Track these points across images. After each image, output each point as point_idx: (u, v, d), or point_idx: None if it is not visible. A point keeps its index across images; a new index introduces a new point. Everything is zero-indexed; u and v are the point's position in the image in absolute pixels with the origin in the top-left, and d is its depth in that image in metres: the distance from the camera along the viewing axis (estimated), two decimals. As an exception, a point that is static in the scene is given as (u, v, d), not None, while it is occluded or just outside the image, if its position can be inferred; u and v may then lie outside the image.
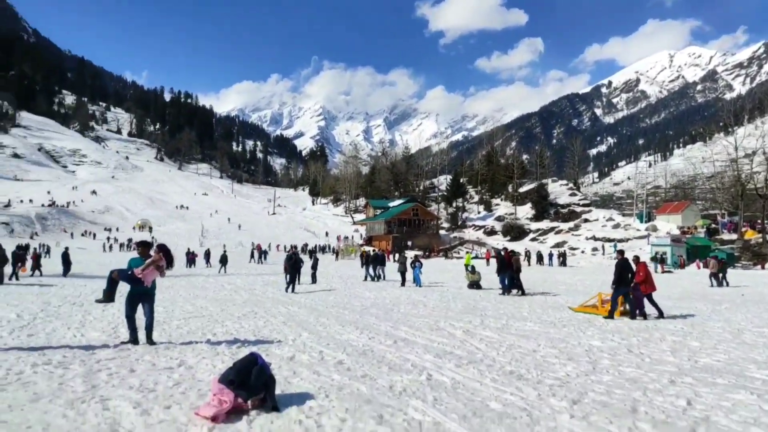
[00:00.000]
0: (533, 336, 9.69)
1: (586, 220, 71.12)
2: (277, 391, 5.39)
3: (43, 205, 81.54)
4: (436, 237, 72.83)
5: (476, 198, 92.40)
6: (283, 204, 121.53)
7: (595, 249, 58.40)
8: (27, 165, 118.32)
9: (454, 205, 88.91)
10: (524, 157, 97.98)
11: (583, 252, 58.80)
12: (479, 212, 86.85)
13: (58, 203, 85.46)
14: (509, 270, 18.44)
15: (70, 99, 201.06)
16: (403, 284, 22.03)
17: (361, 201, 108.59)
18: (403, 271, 22.37)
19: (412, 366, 7.05)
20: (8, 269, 21.50)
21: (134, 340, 8.08)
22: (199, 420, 4.70)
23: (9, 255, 21.52)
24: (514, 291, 18.57)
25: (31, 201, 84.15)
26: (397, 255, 55.75)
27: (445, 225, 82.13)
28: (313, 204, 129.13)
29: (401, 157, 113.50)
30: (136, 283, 7.85)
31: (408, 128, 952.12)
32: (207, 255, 40.16)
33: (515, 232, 71.84)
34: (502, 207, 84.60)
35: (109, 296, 7.79)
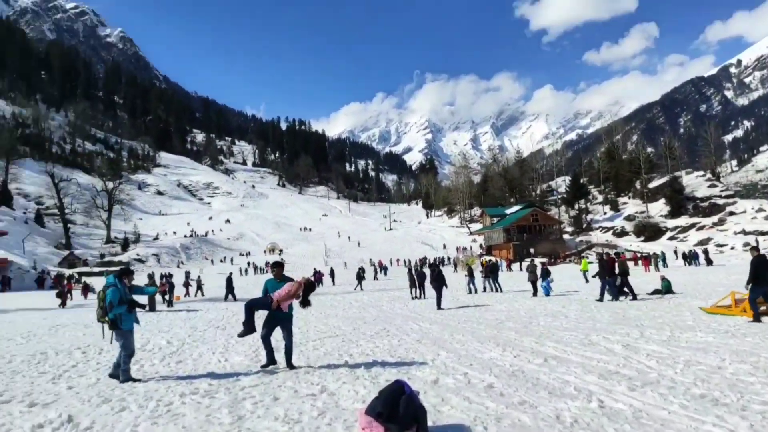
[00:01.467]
0: (711, 349, 8.28)
1: (731, 213, 63.83)
2: (429, 423, 4.83)
3: (185, 236, 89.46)
4: (560, 242, 69.19)
5: (600, 198, 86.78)
6: (399, 219, 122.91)
7: (746, 244, 51.98)
8: (169, 200, 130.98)
9: (576, 207, 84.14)
10: (648, 150, 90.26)
11: (733, 248, 52.60)
12: (605, 213, 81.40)
13: (197, 233, 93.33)
14: (613, 275, 17.38)
15: (200, 137, 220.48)
16: (534, 294, 20.74)
17: (476, 210, 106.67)
18: (533, 281, 21.07)
19: (575, 390, 6.16)
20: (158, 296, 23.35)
21: (271, 360, 8.03)
22: (352, 458, 4.27)
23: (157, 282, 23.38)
24: (622, 297, 17.37)
25: (174, 233, 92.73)
26: (522, 264, 53.71)
27: (568, 229, 77.93)
28: (428, 217, 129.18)
29: (513, 162, 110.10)
30: (275, 308, 7.78)
31: (517, 132, 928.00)
32: (332, 274, 41.29)
33: (649, 231, 66.25)
34: (631, 205, 78.59)
35: (249, 328, 7.76)
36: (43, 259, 63.21)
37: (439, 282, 17.94)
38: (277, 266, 8.27)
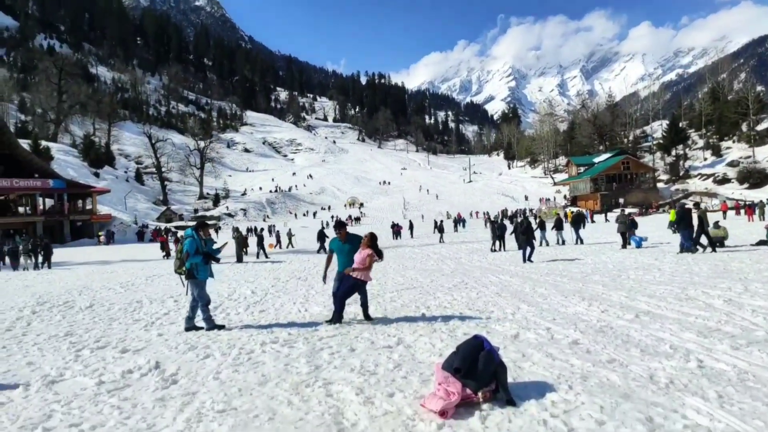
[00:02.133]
0: (833, 307, 7.35)
1: None
2: (509, 379, 4.58)
3: (270, 191, 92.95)
4: (653, 191, 65.07)
5: (700, 143, 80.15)
6: (479, 171, 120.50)
7: None
8: (255, 157, 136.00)
9: (673, 153, 78.38)
10: (758, 89, 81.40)
11: None
12: (705, 159, 75.29)
13: (281, 188, 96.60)
14: (690, 226, 16.42)
15: (283, 94, 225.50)
16: (624, 246, 19.59)
17: (561, 160, 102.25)
18: (623, 232, 19.87)
19: (671, 348, 5.65)
20: (252, 249, 24.37)
21: (338, 318, 7.78)
22: (426, 413, 4.13)
23: (249, 236, 24.37)
24: (700, 249, 16.37)
25: (260, 188, 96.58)
26: (610, 214, 51.07)
27: (663, 177, 73.00)
28: (509, 168, 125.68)
29: (604, 107, 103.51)
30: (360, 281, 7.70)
31: (609, 75, 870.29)
32: (411, 227, 41.39)
33: (755, 177, 60.75)
34: (735, 150, 72.06)
35: (338, 318, 7.77)
36: (143, 215, 68.19)
37: (528, 234, 17.23)
38: (341, 227, 8.07)
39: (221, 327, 7.70)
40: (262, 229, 31.45)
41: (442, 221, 38.48)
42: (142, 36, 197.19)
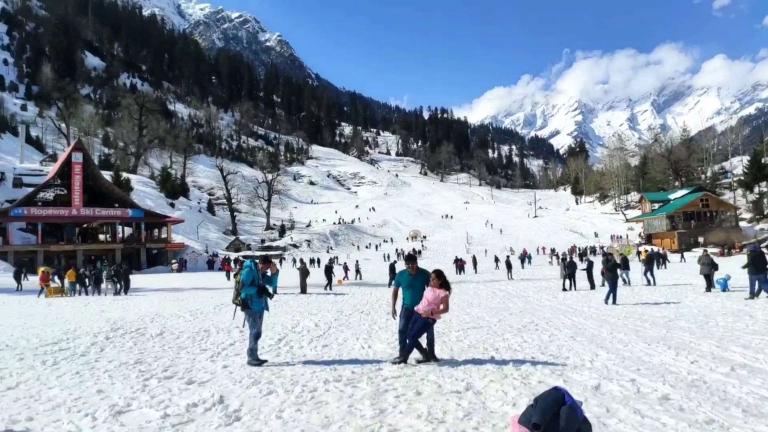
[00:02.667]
0: None
1: None
2: (593, 438, 4.14)
3: (334, 223, 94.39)
4: (736, 230, 60.93)
5: (788, 179, 74.58)
6: (544, 206, 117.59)
7: None
8: (320, 190, 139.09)
9: (755, 190, 73.41)
10: None
11: None
12: (795, 196, 69.90)
13: (345, 220, 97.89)
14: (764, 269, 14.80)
15: (347, 129, 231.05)
16: (708, 289, 18.21)
17: (633, 196, 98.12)
18: (707, 274, 18.49)
19: (781, 411, 4.99)
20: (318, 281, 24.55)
21: (404, 357, 7.49)
22: (503, 473, 3.77)
23: (316, 268, 24.59)
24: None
25: (324, 220, 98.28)
26: (686, 254, 48.13)
27: (746, 216, 68.39)
28: (577, 203, 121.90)
29: (679, 141, 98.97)
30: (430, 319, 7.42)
31: (682, 109, 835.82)
32: (474, 262, 40.60)
33: None
34: (830, 187, 66.59)
35: (406, 357, 7.53)
36: (214, 244, 70.76)
37: (613, 273, 16.27)
38: (411, 260, 7.81)
39: (263, 362, 7.59)
40: (332, 260, 31.80)
41: (508, 257, 37.50)
42: (217, 75, 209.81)
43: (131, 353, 8.83)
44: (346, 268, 35.41)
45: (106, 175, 64.23)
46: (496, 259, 44.16)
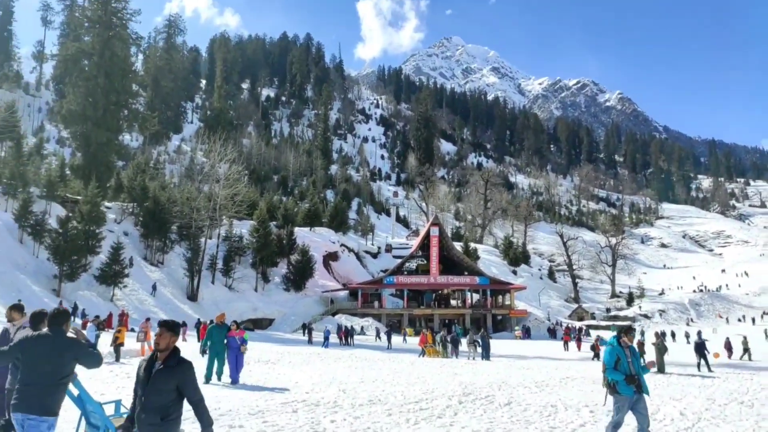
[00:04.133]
0: None
1: None
2: None
3: (693, 291, 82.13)
4: None
5: None
6: None
7: None
8: (674, 253, 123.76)
9: None
10: None
11: None
12: None
13: (707, 288, 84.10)
14: None
15: (705, 182, 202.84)
16: None
17: None
18: None
19: None
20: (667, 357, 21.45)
21: None
22: None
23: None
24: None
25: (680, 287, 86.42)
26: None
27: None
28: None
29: None
30: None
31: None
32: None
33: None
34: None
35: None
36: (555, 311, 69.58)
37: None
38: None
39: None
40: (700, 334, 27.36)
41: None
42: (555, 143, 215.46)
43: (481, 421, 9.09)
44: (729, 347, 29.94)
45: (457, 245, 71.28)
46: None
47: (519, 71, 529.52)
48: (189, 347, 20.05)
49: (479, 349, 26.82)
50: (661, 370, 19.56)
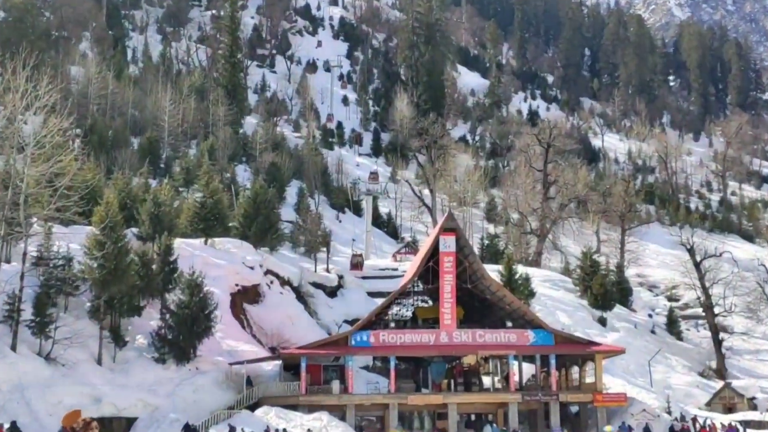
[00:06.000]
0: None
1: None
2: None
3: None
4: None
5: None
6: None
7: None
8: None
9: None
10: None
11: None
12: None
13: None
14: None
15: None
16: None
17: None
18: None
19: None
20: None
21: None
22: None
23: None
24: None
25: None
26: None
27: None
28: None
29: None
30: None
31: None
32: None
33: None
34: None
35: None
36: (682, 395, 42.99)
37: None
38: None
39: None
40: None
41: None
42: (677, 71, 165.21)
43: None
44: None
45: (491, 270, 41.03)
46: None
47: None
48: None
49: None
50: None
